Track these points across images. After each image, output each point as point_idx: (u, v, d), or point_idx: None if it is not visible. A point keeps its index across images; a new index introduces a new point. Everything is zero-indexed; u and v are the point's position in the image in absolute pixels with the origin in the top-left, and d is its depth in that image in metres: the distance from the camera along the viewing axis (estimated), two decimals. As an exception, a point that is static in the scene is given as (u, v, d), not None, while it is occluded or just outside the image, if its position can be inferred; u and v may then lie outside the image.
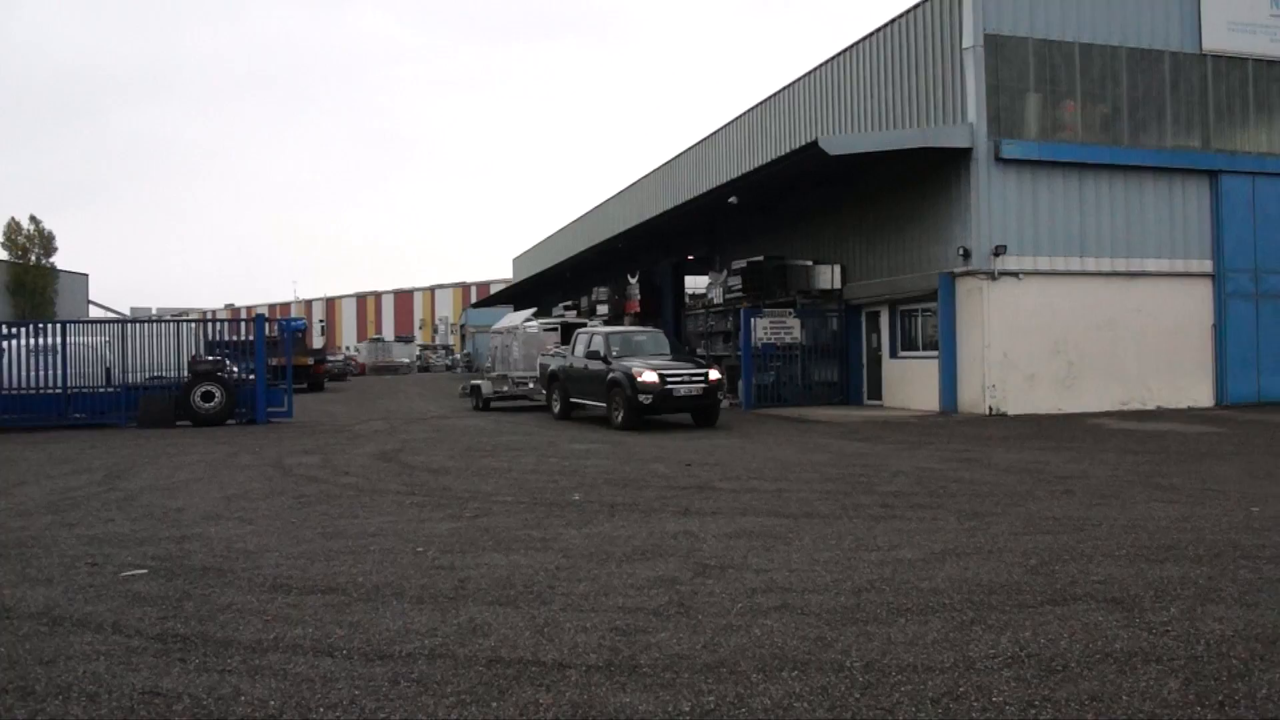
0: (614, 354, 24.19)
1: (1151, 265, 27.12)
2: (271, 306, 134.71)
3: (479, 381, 34.05)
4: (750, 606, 7.36)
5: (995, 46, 25.78)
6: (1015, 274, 25.66)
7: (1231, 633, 6.58)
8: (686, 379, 23.10)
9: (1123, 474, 14.58)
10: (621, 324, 47.09)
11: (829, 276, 31.04)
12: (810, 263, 31.71)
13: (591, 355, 24.77)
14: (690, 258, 42.00)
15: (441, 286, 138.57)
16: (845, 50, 31.79)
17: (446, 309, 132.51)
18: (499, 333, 35.42)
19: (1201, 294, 27.75)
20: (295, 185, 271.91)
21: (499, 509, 12.03)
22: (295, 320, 43.05)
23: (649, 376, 22.68)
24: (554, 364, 27.68)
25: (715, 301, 35.30)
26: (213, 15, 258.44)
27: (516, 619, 7.11)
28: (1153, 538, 9.68)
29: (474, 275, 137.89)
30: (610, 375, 23.57)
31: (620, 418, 23.15)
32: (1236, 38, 28.30)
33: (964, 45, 25.86)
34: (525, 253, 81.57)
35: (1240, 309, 28.04)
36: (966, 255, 25.57)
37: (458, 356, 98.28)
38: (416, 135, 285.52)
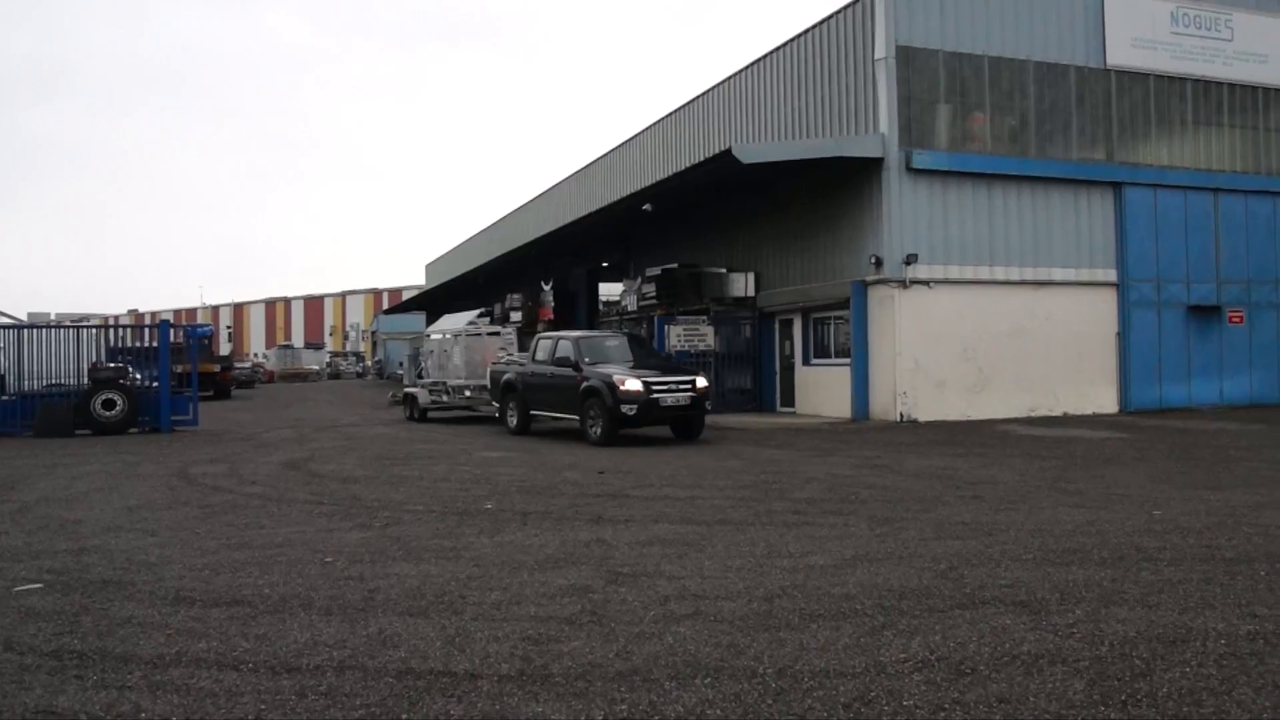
0: (586, 360, 21.89)
1: (1059, 274, 27.60)
2: (177, 312, 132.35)
3: (414, 390, 31.32)
4: (663, 614, 7.31)
5: (907, 58, 26.07)
6: (926, 282, 25.95)
7: (1134, 633, 6.68)
8: (673, 388, 21.11)
9: (1030, 479, 14.77)
10: (536, 331, 47.05)
11: (743, 284, 31.17)
12: (724, 270, 31.81)
13: (560, 362, 22.41)
14: (604, 265, 42.01)
15: (353, 293, 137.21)
16: (760, 59, 31.98)
17: (358, 315, 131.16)
18: (435, 336, 32.61)
19: (1106, 303, 28.29)
20: (202, 189, 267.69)
21: (410, 518, 11.87)
22: (201, 326, 42.42)
23: (633, 385, 20.64)
24: (509, 372, 24.88)
25: (629, 309, 35.31)
26: (115, 14, 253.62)
27: (427, 629, 7.00)
28: (1059, 541, 9.80)
29: (386, 281, 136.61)
30: (585, 384, 21.29)
31: (598, 431, 20.96)
32: (1139, 54, 28.94)
33: (876, 56, 26.11)
34: (438, 259, 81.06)
35: (1143, 318, 28.65)
36: (878, 264, 25.80)
37: (369, 364, 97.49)
38: (327, 139, 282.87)
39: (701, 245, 34.44)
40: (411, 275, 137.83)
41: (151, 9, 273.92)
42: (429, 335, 33.07)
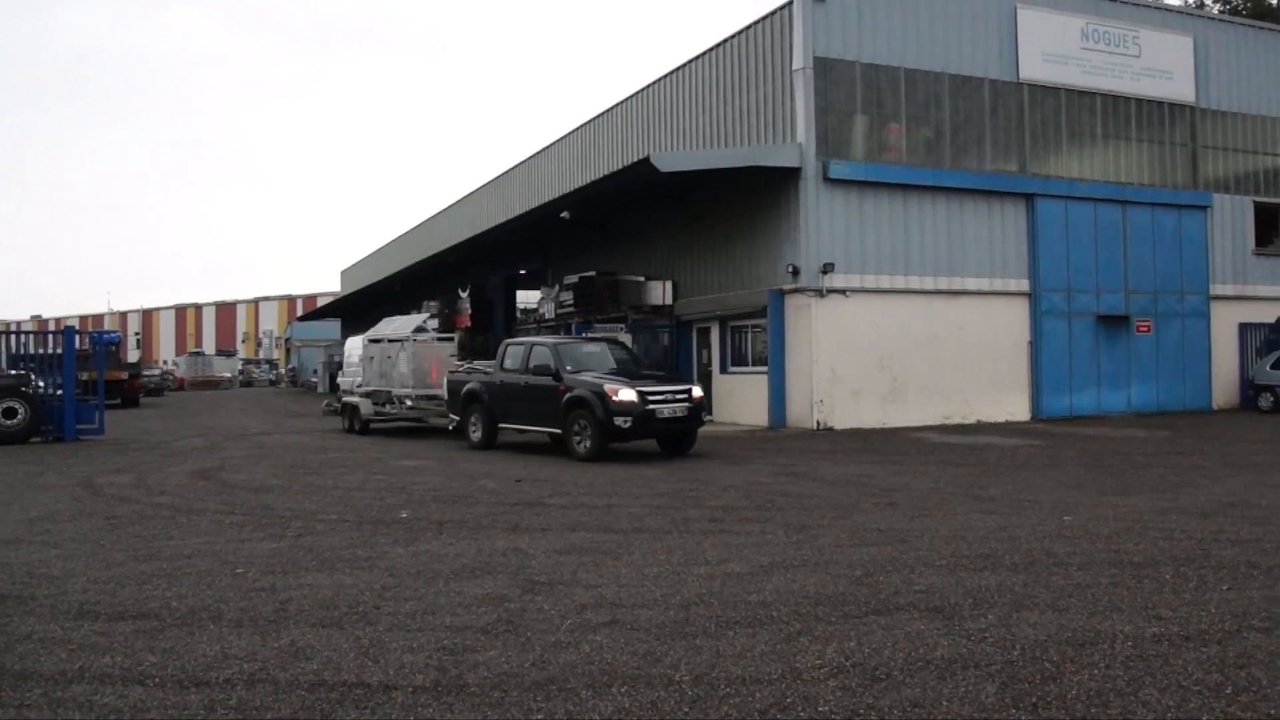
0: (568, 368, 20.04)
1: (972, 284, 27.98)
2: (83, 318, 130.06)
3: (355, 399, 28.65)
4: (580, 623, 7.30)
5: (824, 69, 26.30)
6: (843, 291, 26.16)
7: (1045, 637, 6.79)
8: (669, 398, 19.30)
9: (944, 486, 14.93)
10: (453, 339, 46.74)
11: (661, 292, 31.23)
12: (642, 278, 31.84)
13: (538, 370, 20.44)
14: (522, 272, 41.90)
15: (266, 299, 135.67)
16: (679, 68, 32.09)
17: (271, 322, 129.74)
18: (376, 342, 29.75)
19: (1019, 312, 28.74)
20: (109, 192, 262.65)
21: (323, 527, 11.72)
22: (108, 333, 41.56)
23: (627, 395, 18.75)
24: (472, 381, 22.72)
25: (547, 316, 35.19)
26: (13, 13, 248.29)
27: (341, 640, 6.92)
28: (972, 547, 9.92)
29: (301, 288, 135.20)
30: (570, 395, 19.42)
31: (586, 446, 19.05)
32: (1050, 68, 29.49)
33: (794, 67, 26.32)
34: (354, 265, 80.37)
35: (1054, 326, 29.15)
36: (795, 273, 25.97)
37: (282, 371, 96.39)
38: (238, 143, 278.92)
39: (620, 253, 34.46)
40: (327, 281, 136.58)
41: (50, 8, 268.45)
42: (369, 341, 30.00)
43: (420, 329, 29.20)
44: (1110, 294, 30.25)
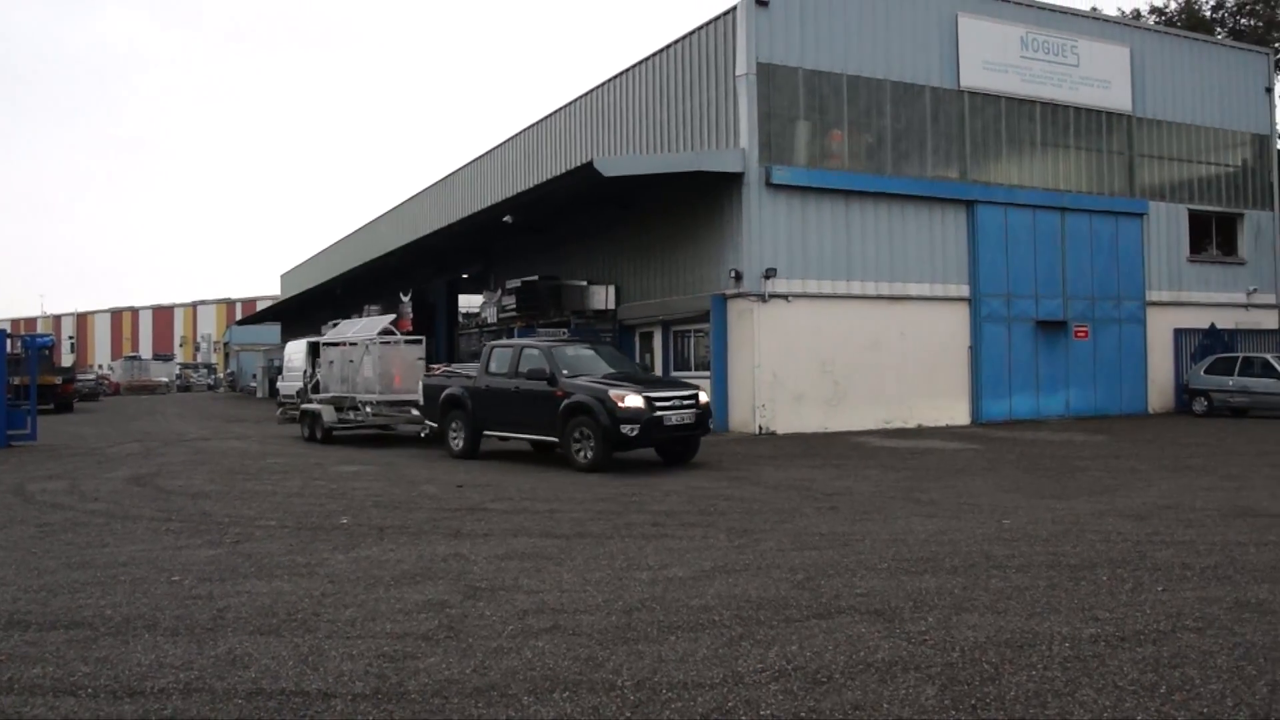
0: (564, 372, 18.86)
1: (914, 289, 28.20)
2: (14, 321, 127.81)
3: (316, 406, 26.77)
4: (521, 628, 7.27)
5: (767, 75, 26.40)
6: (785, 296, 26.26)
7: (984, 639, 6.85)
8: (677, 404, 18.34)
9: (885, 490, 15.01)
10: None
11: (603, 297, 31.22)
12: (585, 283, 31.82)
13: (532, 374, 19.11)
14: (465, 276, 41.72)
15: (204, 303, 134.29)
16: (623, 72, 32.11)
17: (210, 326, 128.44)
18: (337, 345, 27.86)
19: (959, 317, 29.00)
20: (41, 194, 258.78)
21: (262, 534, 11.59)
22: (41, 336, 40.88)
23: (634, 401, 17.70)
24: (453, 386, 21.33)
25: (489, 321, 35.10)
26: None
27: (279, 648, 6.85)
28: (912, 551, 9.98)
29: (240, 291, 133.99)
30: (568, 400, 18.27)
31: (588, 455, 18.01)
32: (991, 76, 29.79)
33: (737, 73, 26.40)
34: (295, 269, 79.73)
35: (994, 332, 29.44)
36: (738, 277, 26.04)
37: (221, 376, 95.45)
38: (176, 144, 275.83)
39: (563, 258, 34.42)
40: (267, 285, 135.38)
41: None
42: (327, 344, 28.19)
43: (386, 331, 27.27)
44: (1049, 299, 30.60)
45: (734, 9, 26.58)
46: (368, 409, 25.37)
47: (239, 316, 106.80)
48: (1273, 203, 36.01)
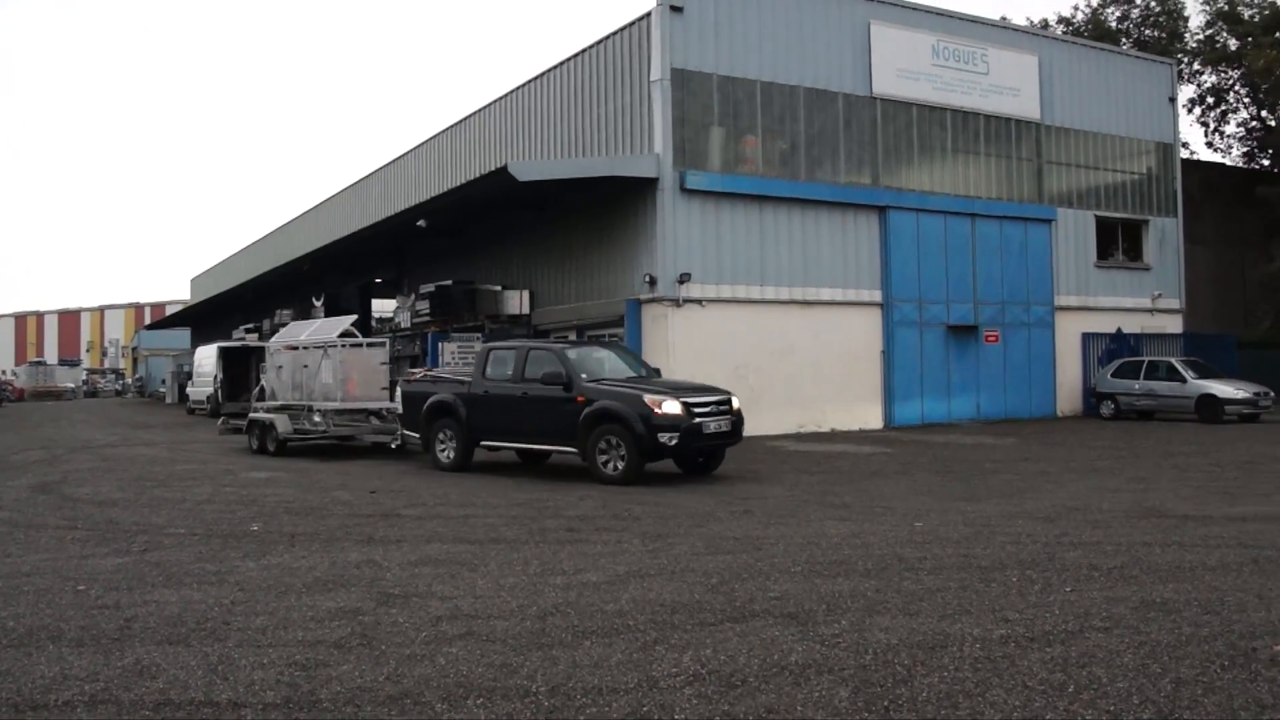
0: (582, 377, 17.43)
1: (827, 294, 28.42)
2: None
3: (267, 416, 24.21)
4: (435, 635, 7.21)
5: (682, 80, 26.47)
6: (699, 301, 26.34)
7: (896, 641, 6.89)
8: (714, 409, 17.07)
9: (799, 494, 15.11)
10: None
11: (518, 301, 31.12)
12: (499, 288, 31.70)
13: (546, 379, 17.52)
14: (378, 281, 41.38)
15: (112, 307, 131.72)
16: (538, 76, 32.03)
17: (117, 331, 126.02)
18: (286, 349, 25.84)
19: (872, 322, 29.28)
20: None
21: (171, 542, 11.36)
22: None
23: (672, 406, 16.36)
24: (440, 392, 19.58)
25: (403, 325, 34.84)
26: None
27: (188, 658, 6.73)
28: (826, 554, 10.03)
29: (149, 296, 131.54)
30: (593, 407, 16.79)
31: (617, 466, 16.59)
32: (903, 84, 30.15)
33: (652, 78, 26.45)
34: (205, 273, 78.51)
35: (906, 336, 29.77)
36: (652, 282, 26.07)
37: (129, 381, 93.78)
38: (83, 144, 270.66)
39: (477, 262, 34.26)
40: (176, 289, 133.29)
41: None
42: (273, 349, 26.47)
43: (347, 333, 24.92)
44: (960, 304, 31.02)
45: (649, 14, 26.63)
46: (327, 418, 23.42)
47: (148, 321, 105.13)
48: (1176, 210, 36.87)
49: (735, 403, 17.69)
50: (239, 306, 56.60)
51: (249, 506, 14.36)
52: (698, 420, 16.60)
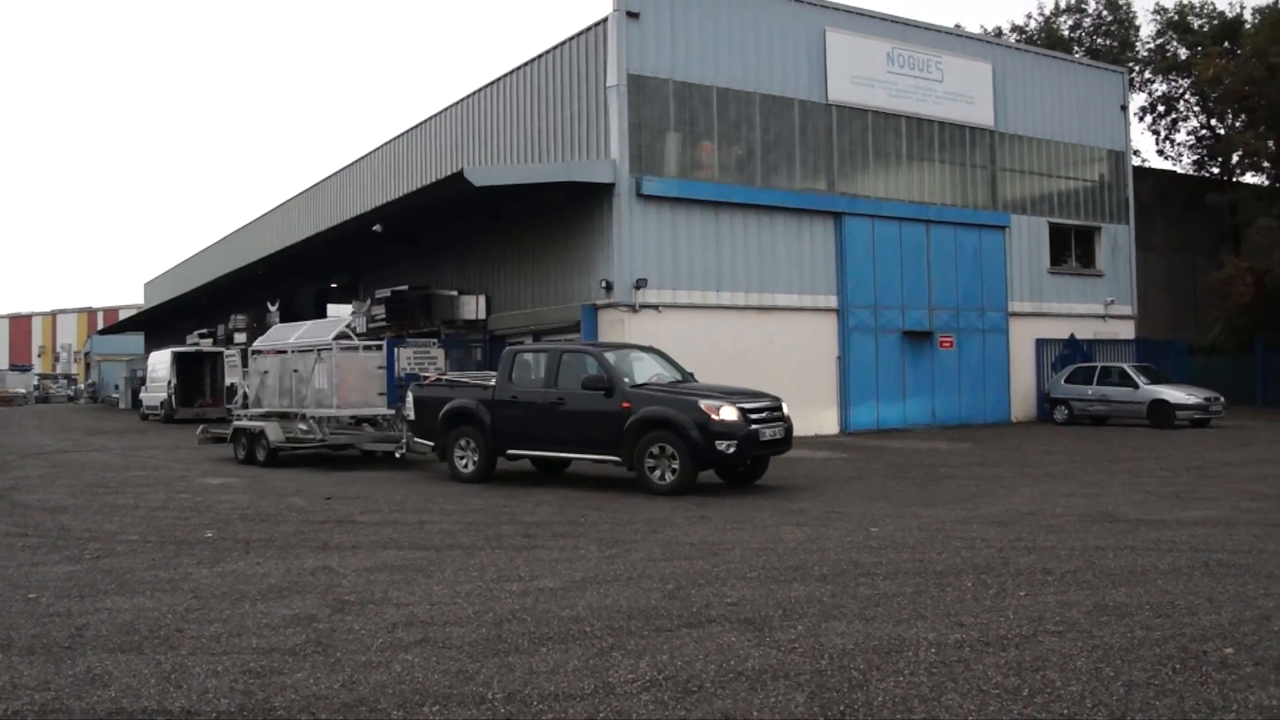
0: (625, 381, 16.57)
1: (782, 300, 28.51)
2: None
3: (256, 424, 22.69)
4: (390, 642, 7.17)
5: (638, 86, 26.49)
6: (655, 306, 26.35)
7: (852, 646, 6.91)
8: (768, 415, 16.34)
9: (755, 499, 15.12)
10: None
11: (474, 307, 31.04)
12: (456, 293, 31.60)
13: (589, 385, 16.51)
14: (333, 286, 41.17)
15: (64, 312, 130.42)
16: (494, 81, 31.98)
17: (70, 336, 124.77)
18: (274, 353, 24.02)
19: (828, 327, 29.40)
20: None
21: (124, 549, 11.22)
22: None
23: (729, 413, 15.56)
24: (459, 398, 18.38)
25: (359, 331, 34.61)
26: None
27: (141, 666, 6.65)
28: (782, 559, 10.04)
29: (101, 300, 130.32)
30: (640, 414, 15.90)
31: (667, 476, 15.71)
32: (858, 90, 30.30)
33: (608, 84, 26.45)
34: (159, 277, 77.82)
35: (861, 342, 29.91)
36: (609, 288, 26.06)
37: (81, 387, 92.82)
38: (32, 146, 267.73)
39: (433, 267, 34.15)
40: (130, 294, 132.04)
41: None
42: (258, 352, 24.78)
43: (343, 335, 23.38)
44: (915, 310, 31.19)
45: (605, 20, 26.64)
46: (322, 425, 22.27)
47: (100, 326, 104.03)
48: (1128, 217, 37.27)
49: (785, 408, 17.04)
50: (193, 311, 56.14)
51: (203, 513, 14.22)
52: (754, 427, 15.85)
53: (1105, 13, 53.49)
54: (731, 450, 15.53)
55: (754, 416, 15.91)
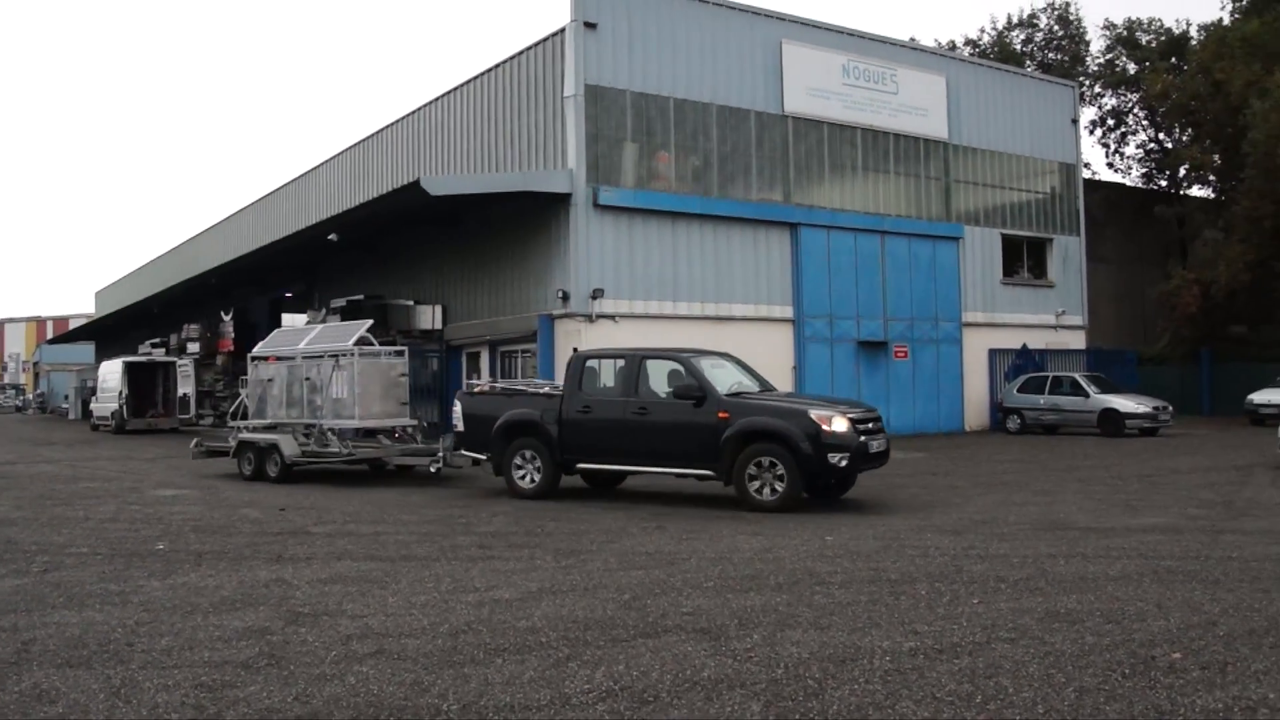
0: (725, 391, 15.46)
1: (739, 310, 28.60)
2: None
3: (270, 437, 20.88)
4: (345, 654, 7.12)
5: (595, 96, 26.55)
6: (612, 317, 26.39)
7: (807, 654, 6.94)
8: (872, 427, 15.36)
9: (711, 509, 15.11)
10: (215, 362, 45.20)
11: (430, 316, 30.96)
12: (412, 302, 31.51)
13: (681, 394, 15.33)
14: (288, 295, 40.92)
15: (12, 320, 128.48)
16: (452, 90, 31.94)
17: (18, 345, 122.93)
18: (277, 360, 22.23)
19: (784, 337, 29.53)
20: None
21: (73, 561, 11.07)
22: None
23: (841, 425, 14.55)
24: (520, 407, 17.05)
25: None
26: None
27: (89, 681, 6.56)
28: (738, 569, 10.07)
29: (51, 309, 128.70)
30: (740, 425, 14.80)
31: (775, 491, 14.57)
32: (814, 102, 30.51)
33: (566, 94, 26.49)
34: (110, 286, 76.98)
35: (817, 352, 30.06)
36: (565, 298, 26.07)
37: (30, 397, 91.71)
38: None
39: (389, 277, 34.02)
40: (81, 303, 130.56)
41: None
42: (256, 359, 22.89)
43: (363, 340, 21.42)
44: (870, 320, 31.40)
45: (563, 30, 26.69)
46: (344, 438, 20.77)
47: (50, 335, 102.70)
48: (1079, 228, 37.72)
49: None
50: (145, 321, 55.57)
51: (155, 525, 14.06)
52: (863, 439, 14.84)
53: (1056, 28, 54.20)
54: (844, 464, 14.61)
55: (861, 428, 14.95)
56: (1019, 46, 54.22)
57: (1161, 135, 50.97)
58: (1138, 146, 52.61)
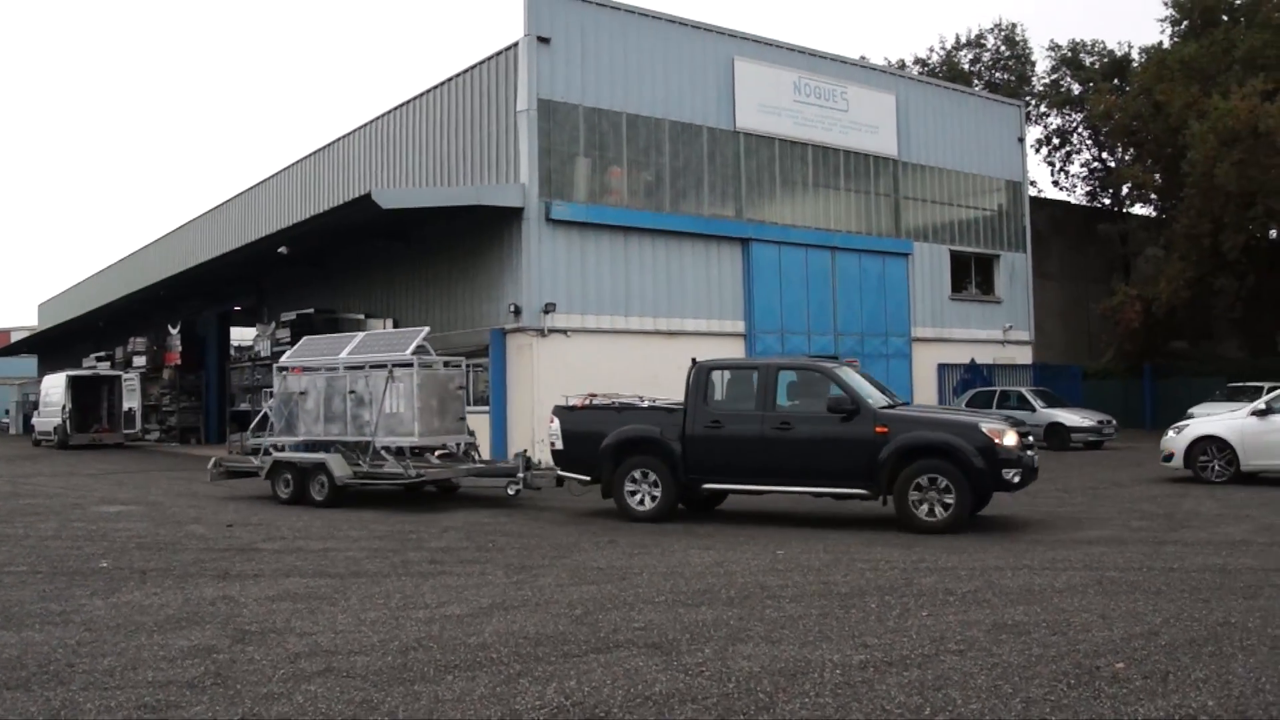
0: (871, 404, 14.43)
1: (691, 325, 28.70)
2: None
3: (311, 456, 19.00)
4: (293, 672, 7.07)
5: (548, 111, 26.58)
6: (564, 331, 26.40)
7: (759, 668, 6.98)
8: (1030, 440, 14.63)
9: (662, 524, 15.10)
10: (161, 376, 44.72)
11: (381, 330, 30.77)
12: (363, 316, 31.36)
13: (835, 408, 14.21)
14: (237, 308, 40.61)
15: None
16: (404, 103, 31.87)
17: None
18: (307, 371, 20.16)
19: (736, 352, 29.57)
20: None
21: (11, 580, 10.91)
22: None
23: (1012, 439, 13.73)
24: (639, 425, 15.78)
25: (263, 354, 34.17)
26: None
27: (28, 703, 6.46)
28: (689, 583, 10.11)
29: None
30: (900, 440, 13.85)
31: (944, 509, 13.56)
32: (765, 118, 30.72)
33: (518, 108, 26.52)
34: (54, 298, 76.00)
35: (768, 368, 30.12)
36: (517, 312, 26.06)
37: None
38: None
39: (340, 290, 33.86)
40: (23, 315, 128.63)
41: None
42: (282, 369, 20.69)
43: (420, 349, 19.36)
44: (820, 335, 31.60)
45: (516, 45, 26.72)
46: (405, 459, 18.53)
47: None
48: (1025, 245, 38.21)
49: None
50: (90, 334, 54.89)
51: (98, 542, 13.86)
52: (1029, 453, 14.17)
53: (1003, 48, 54.92)
54: (1018, 480, 13.81)
55: (1025, 442, 14.23)
56: (967, 66, 54.85)
57: (1105, 154, 51.71)
58: (1082, 165, 53.37)
